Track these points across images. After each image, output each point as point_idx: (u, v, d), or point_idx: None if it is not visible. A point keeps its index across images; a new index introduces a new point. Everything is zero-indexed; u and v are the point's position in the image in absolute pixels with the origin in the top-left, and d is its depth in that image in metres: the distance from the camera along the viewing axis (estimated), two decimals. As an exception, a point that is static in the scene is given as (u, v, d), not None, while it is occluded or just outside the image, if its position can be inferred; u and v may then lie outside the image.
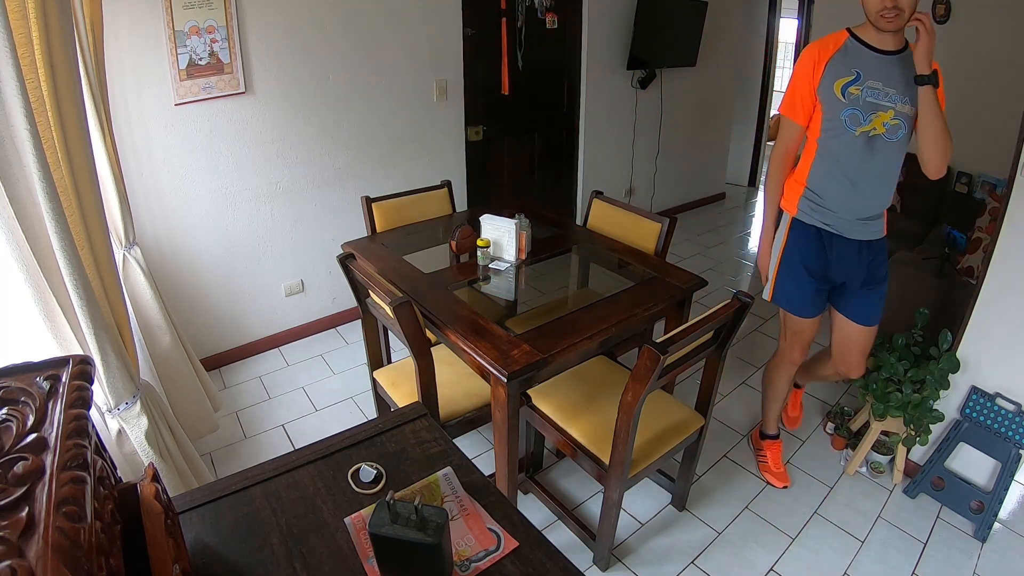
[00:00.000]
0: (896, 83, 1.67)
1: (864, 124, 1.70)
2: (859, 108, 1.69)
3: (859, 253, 1.86)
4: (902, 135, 1.71)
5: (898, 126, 1.69)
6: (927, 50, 1.60)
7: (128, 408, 1.46)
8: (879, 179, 1.76)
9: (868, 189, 1.77)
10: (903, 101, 1.67)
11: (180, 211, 2.52)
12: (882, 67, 1.68)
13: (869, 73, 1.69)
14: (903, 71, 1.67)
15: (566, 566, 0.86)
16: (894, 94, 1.67)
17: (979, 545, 1.95)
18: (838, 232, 1.85)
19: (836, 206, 1.82)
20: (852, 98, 1.69)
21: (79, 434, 0.61)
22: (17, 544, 0.48)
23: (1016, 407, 1.94)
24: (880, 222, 1.85)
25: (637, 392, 1.48)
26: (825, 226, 1.86)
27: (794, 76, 1.79)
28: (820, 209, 1.85)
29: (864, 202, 1.79)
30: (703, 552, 1.92)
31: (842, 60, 1.72)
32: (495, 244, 2.16)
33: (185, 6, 2.23)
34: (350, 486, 1.00)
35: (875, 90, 1.68)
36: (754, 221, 4.94)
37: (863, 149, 1.72)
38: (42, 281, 1.20)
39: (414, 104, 3.05)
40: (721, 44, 4.52)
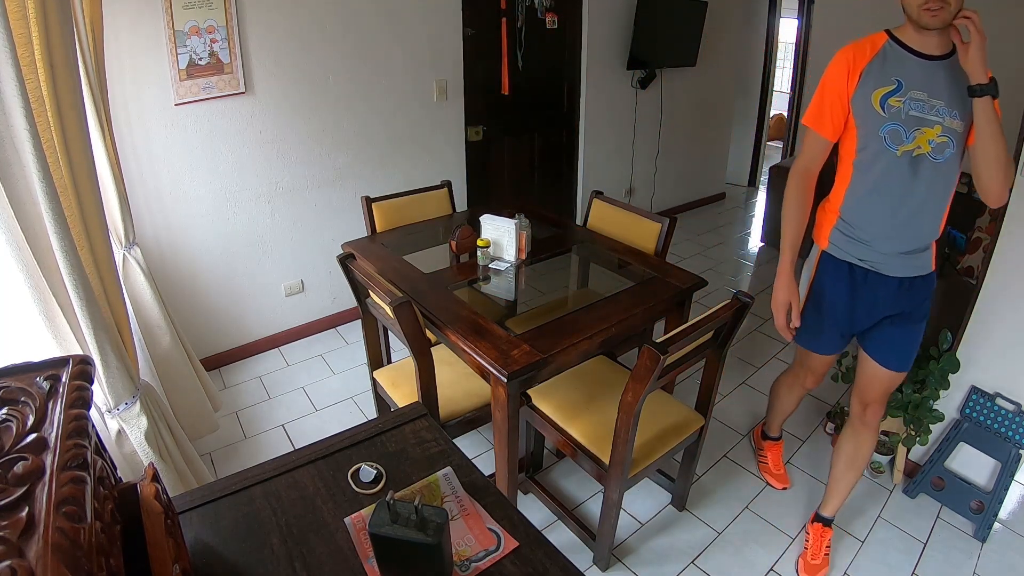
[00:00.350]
0: (943, 93, 1.42)
1: (907, 142, 1.45)
2: (901, 123, 1.45)
3: (898, 291, 1.61)
4: (950, 155, 1.45)
5: (945, 144, 1.44)
6: (980, 54, 1.36)
7: (128, 408, 1.46)
8: (925, 206, 1.50)
9: (912, 218, 1.52)
10: (951, 115, 1.42)
11: (180, 211, 2.52)
12: (927, 75, 1.44)
13: (912, 82, 1.44)
14: (951, 79, 1.42)
15: (566, 566, 0.86)
16: (941, 106, 1.43)
17: (979, 545, 1.95)
18: (874, 268, 1.60)
19: (874, 238, 1.57)
20: (893, 111, 1.45)
21: (79, 434, 0.61)
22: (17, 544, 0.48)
23: (1016, 407, 1.94)
24: (927, 255, 1.60)
25: (637, 392, 1.48)
26: (860, 261, 1.61)
27: (823, 82, 1.55)
28: (854, 242, 1.60)
29: (908, 233, 1.54)
30: (703, 552, 1.92)
31: (881, 67, 1.48)
32: (495, 244, 2.16)
33: (185, 6, 2.23)
34: (350, 486, 1.00)
35: (919, 102, 1.44)
36: (754, 221, 4.94)
37: (906, 171, 1.47)
38: (42, 281, 1.20)
39: (414, 104, 3.05)
40: (721, 44, 4.52)
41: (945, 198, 1.51)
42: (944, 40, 1.44)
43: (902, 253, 1.56)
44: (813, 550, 1.86)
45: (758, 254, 4.35)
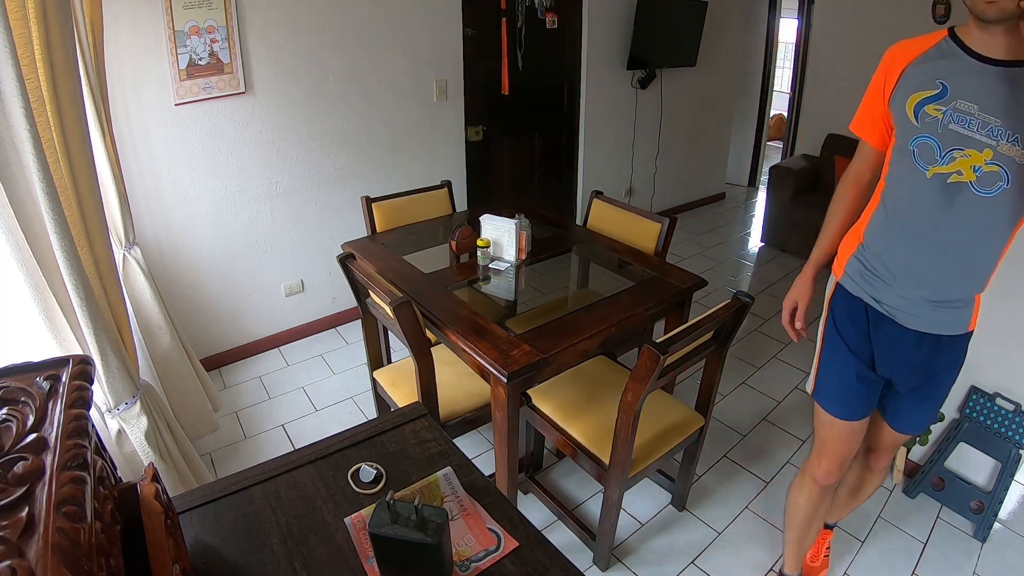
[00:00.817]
0: (1000, 110, 1.09)
1: (941, 163, 1.15)
2: (936, 137, 1.16)
3: (917, 350, 1.31)
4: (1002, 190, 1.11)
5: (996, 175, 1.11)
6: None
7: (128, 408, 1.46)
8: (964, 248, 1.19)
9: (941, 257, 1.21)
10: (1010, 138, 1.08)
11: (180, 211, 2.52)
12: (983, 83, 1.11)
13: (961, 90, 1.13)
14: (1014, 93, 1.08)
15: (566, 566, 0.86)
16: (996, 126, 1.09)
17: (979, 545, 1.96)
18: (889, 314, 1.30)
19: (894, 275, 1.28)
20: (928, 121, 1.16)
21: (79, 434, 0.61)
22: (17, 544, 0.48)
23: (1016, 407, 1.94)
24: (966, 312, 1.28)
25: (637, 392, 1.48)
26: (875, 303, 1.32)
27: (871, 81, 1.32)
28: (872, 276, 1.32)
29: (935, 277, 1.23)
30: (703, 552, 1.92)
31: (925, 66, 1.19)
32: (495, 244, 2.16)
33: (185, 6, 2.23)
34: (350, 486, 1.00)
35: (965, 115, 1.12)
36: (754, 221, 4.94)
37: (937, 199, 1.17)
38: (42, 281, 1.20)
39: (414, 104, 3.05)
40: (721, 44, 4.52)
41: (996, 244, 1.18)
42: (1016, 42, 1.07)
43: (929, 301, 1.25)
44: (813, 552, 1.79)
45: (758, 254, 4.35)
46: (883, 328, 1.33)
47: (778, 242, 4.30)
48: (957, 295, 1.25)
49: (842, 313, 1.41)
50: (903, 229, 1.25)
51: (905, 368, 1.35)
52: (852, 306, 1.38)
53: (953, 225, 1.17)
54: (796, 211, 4.08)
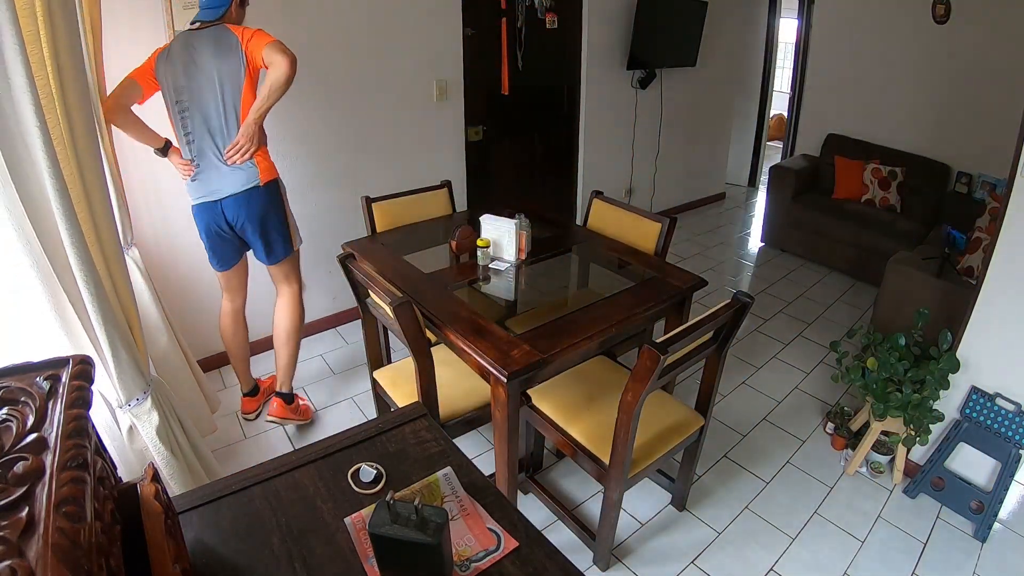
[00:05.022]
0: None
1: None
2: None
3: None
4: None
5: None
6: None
7: (139, 404, 1.46)
8: None
9: None
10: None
11: (179, 211, 2.51)
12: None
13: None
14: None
15: (566, 566, 0.86)
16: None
17: (979, 545, 1.96)
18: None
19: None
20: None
21: (79, 434, 0.61)
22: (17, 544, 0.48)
23: (1016, 407, 1.94)
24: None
25: (637, 392, 1.48)
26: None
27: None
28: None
29: None
30: (703, 552, 1.92)
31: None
32: (495, 244, 2.16)
33: (185, 6, 2.23)
34: (350, 486, 1.00)
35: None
36: (754, 221, 4.94)
37: None
38: (53, 277, 1.21)
39: (414, 104, 3.05)
40: (721, 44, 4.52)
41: None
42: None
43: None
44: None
45: (758, 254, 4.35)
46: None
47: (778, 242, 4.30)
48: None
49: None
50: None
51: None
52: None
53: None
54: (796, 211, 4.08)
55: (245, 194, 2.01)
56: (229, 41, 1.89)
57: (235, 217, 2.04)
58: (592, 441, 1.70)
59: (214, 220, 2.05)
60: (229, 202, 2.00)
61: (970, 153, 3.67)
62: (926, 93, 3.85)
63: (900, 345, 2.15)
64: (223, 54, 1.88)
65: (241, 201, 2.01)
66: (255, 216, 2.05)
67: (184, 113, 1.95)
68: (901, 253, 2.95)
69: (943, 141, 3.78)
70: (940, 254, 2.91)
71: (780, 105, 6.23)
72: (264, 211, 2.06)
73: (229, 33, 1.89)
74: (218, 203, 2.00)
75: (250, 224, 2.06)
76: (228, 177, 1.98)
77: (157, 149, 2.06)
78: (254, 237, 2.10)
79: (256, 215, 2.05)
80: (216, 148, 1.97)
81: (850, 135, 4.24)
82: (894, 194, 3.86)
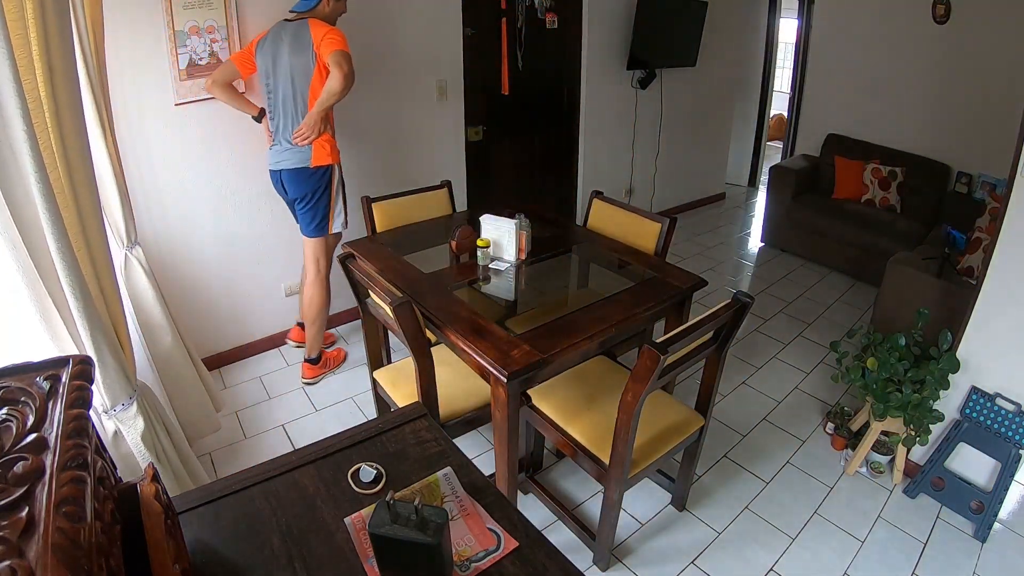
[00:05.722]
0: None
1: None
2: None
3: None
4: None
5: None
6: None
7: (124, 409, 1.46)
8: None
9: None
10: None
11: (181, 211, 2.52)
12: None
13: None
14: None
15: (566, 566, 0.86)
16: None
17: (979, 545, 1.96)
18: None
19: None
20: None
21: (79, 434, 0.61)
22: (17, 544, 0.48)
23: (1016, 407, 1.94)
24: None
25: (637, 392, 1.48)
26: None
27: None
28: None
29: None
30: (703, 552, 1.92)
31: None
32: (495, 244, 2.16)
33: (185, 6, 2.23)
34: (350, 486, 1.00)
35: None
36: (754, 221, 4.94)
37: None
38: (39, 282, 1.20)
39: (414, 104, 3.05)
40: (721, 44, 4.52)
41: None
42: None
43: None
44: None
45: (758, 254, 4.35)
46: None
47: (778, 242, 4.30)
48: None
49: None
50: None
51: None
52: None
53: None
54: (796, 211, 4.08)
55: (295, 171, 2.34)
56: (305, 39, 2.17)
57: (287, 188, 2.40)
58: (592, 441, 1.70)
59: (276, 185, 2.46)
60: (285, 174, 2.37)
61: (970, 153, 3.67)
62: (926, 93, 3.85)
63: (900, 345, 2.15)
64: (298, 50, 2.18)
65: (291, 176, 2.36)
66: (299, 192, 2.38)
67: (269, 94, 2.30)
68: (901, 253, 2.95)
69: (943, 141, 3.78)
70: (940, 254, 2.91)
71: (780, 105, 6.23)
72: (308, 190, 2.37)
73: (308, 31, 2.17)
74: (278, 173, 2.38)
75: (296, 197, 2.40)
76: (288, 154, 2.33)
77: (253, 116, 2.46)
78: (297, 209, 2.44)
79: (300, 191, 2.37)
80: (287, 128, 2.30)
81: (850, 135, 4.24)
82: (894, 194, 3.86)
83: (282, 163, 2.34)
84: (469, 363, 1.70)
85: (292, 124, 2.29)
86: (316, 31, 2.15)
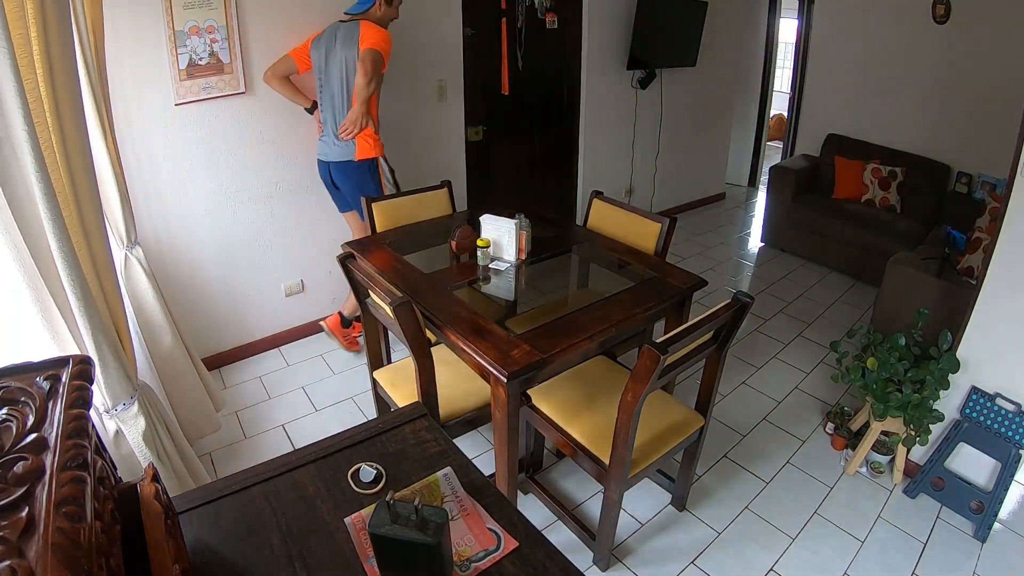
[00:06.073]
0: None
1: None
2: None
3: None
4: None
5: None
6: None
7: (125, 409, 1.46)
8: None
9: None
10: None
11: (180, 211, 2.52)
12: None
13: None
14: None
15: (566, 566, 0.86)
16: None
17: (979, 545, 1.95)
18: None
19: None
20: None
21: (79, 434, 0.61)
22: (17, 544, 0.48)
23: (1016, 407, 1.94)
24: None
25: (637, 392, 1.48)
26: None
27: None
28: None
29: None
30: (703, 552, 1.92)
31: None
32: (495, 244, 2.16)
33: (185, 6, 2.23)
34: (350, 486, 1.00)
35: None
36: (754, 221, 4.94)
37: None
38: (40, 282, 1.20)
39: (414, 104, 3.05)
40: (721, 44, 4.52)
41: None
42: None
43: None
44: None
45: (758, 254, 4.35)
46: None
47: (778, 242, 4.30)
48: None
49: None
50: None
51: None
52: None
53: None
54: (796, 211, 4.08)
55: (342, 164, 2.51)
56: (354, 38, 2.32)
57: (335, 179, 2.58)
58: (592, 441, 1.70)
59: (323, 175, 2.62)
60: (332, 166, 2.54)
61: (970, 153, 3.67)
62: (926, 93, 3.85)
63: (900, 345, 2.15)
64: (347, 48, 2.34)
65: (338, 168, 2.53)
66: (346, 182, 2.56)
67: (321, 89, 2.46)
68: (901, 253, 2.95)
69: (943, 141, 3.78)
70: (940, 254, 2.91)
71: (780, 105, 6.23)
72: (354, 182, 2.54)
73: (358, 32, 2.32)
74: (326, 164, 2.56)
75: (343, 187, 2.59)
76: (333, 147, 2.50)
77: (306, 108, 2.60)
78: (347, 196, 2.62)
79: (346, 182, 2.56)
80: (334, 122, 2.46)
81: (850, 135, 4.24)
82: (894, 194, 3.86)
83: (329, 155, 2.52)
84: (469, 363, 1.69)
85: (339, 119, 2.44)
86: (365, 32, 2.30)
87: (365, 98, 2.32)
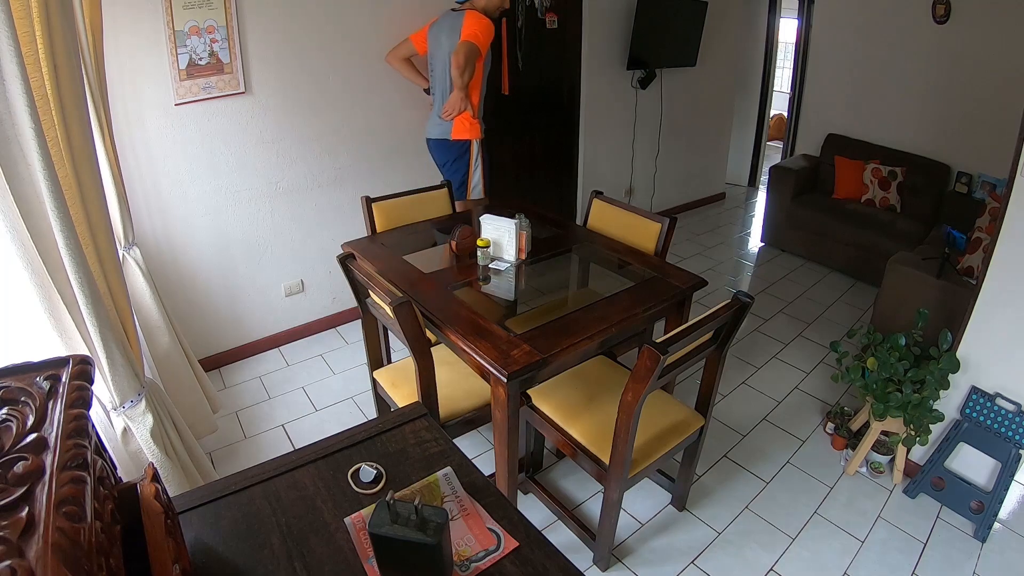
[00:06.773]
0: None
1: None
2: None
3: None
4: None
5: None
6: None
7: (133, 406, 1.46)
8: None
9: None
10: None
11: (180, 211, 2.52)
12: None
13: None
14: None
15: (566, 566, 0.86)
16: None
17: (979, 545, 1.96)
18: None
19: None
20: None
21: (79, 434, 0.61)
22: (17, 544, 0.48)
23: (1016, 407, 1.94)
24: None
25: (637, 392, 1.48)
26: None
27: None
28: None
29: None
30: (703, 552, 1.92)
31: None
32: (495, 244, 2.16)
33: (185, 6, 2.23)
34: (350, 486, 1.00)
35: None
36: (754, 221, 4.94)
37: None
38: (47, 279, 1.20)
39: (415, 104, 3.05)
40: (721, 44, 4.52)
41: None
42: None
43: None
44: None
45: (758, 254, 4.35)
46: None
47: (778, 242, 4.30)
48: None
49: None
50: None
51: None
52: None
53: None
54: (796, 211, 4.08)
55: (439, 141, 2.75)
56: (458, 28, 2.50)
57: (433, 153, 2.85)
58: (592, 441, 1.70)
59: (428, 150, 2.86)
60: (432, 143, 2.80)
61: (970, 153, 3.67)
62: (926, 93, 3.85)
63: (900, 345, 2.15)
64: (452, 36, 2.53)
65: (436, 144, 2.78)
66: (441, 160, 2.81)
67: (432, 72, 2.71)
68: (901, 253, 2.95)
69: (943, 141, 3.78)
70: (940, 254, 2.91)
71: (780, 105, 6.23)
72: (448, 158, 2.76)
73: (462, 21, 2.50)
74: (429, 140, 2.81)
75: (438, 162, 2.84)
76: (434, 125, 2.74)
77: (424, 89, 2.89)
78: (442, 172, 2.83)
79: (442, 159, 2.80)
80: (439, 103, 2.69)
81: (850, 135, 4.24)
82: (894, 194, 3.86)
83: (431, 132, 2.76)
84: (469, 363, 1.69)
85: (442, 100, 2.66)
86: (467, 22, 2.48)
87: (461, 85, 2.48)
